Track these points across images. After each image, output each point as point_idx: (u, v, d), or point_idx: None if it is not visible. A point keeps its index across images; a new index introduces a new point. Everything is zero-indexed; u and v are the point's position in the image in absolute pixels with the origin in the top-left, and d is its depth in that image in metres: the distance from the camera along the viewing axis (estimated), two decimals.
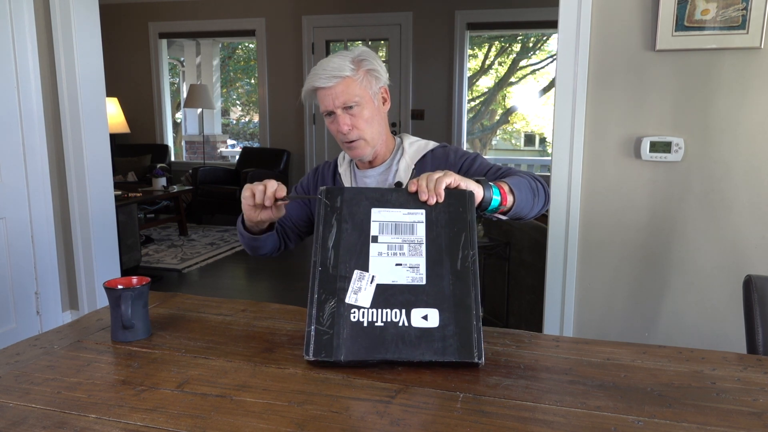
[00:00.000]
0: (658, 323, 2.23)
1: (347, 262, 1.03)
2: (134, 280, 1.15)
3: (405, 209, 1.08)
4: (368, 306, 0.99)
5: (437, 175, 1.08)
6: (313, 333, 0.97)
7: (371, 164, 1.48)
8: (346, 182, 1.50)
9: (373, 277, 1.02)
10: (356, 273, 1.02)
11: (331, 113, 1.38)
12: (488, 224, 2.99)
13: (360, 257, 1.03)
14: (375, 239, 1.05)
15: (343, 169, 1.52)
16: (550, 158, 2.33)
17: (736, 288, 2.02)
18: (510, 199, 1.18)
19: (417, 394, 0.90)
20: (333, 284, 1.01)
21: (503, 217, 1.23)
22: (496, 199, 1.15)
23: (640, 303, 2.24)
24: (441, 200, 1.07)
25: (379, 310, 0.99)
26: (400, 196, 1.09)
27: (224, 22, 6.68)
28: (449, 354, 0.96)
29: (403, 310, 0.99)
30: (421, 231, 1.06)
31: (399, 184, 1.43)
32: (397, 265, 1.03)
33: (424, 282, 1.01)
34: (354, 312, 0.99)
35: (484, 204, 1.13)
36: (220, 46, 9.13)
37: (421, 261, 1.03)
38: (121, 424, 0.82)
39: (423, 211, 1.07)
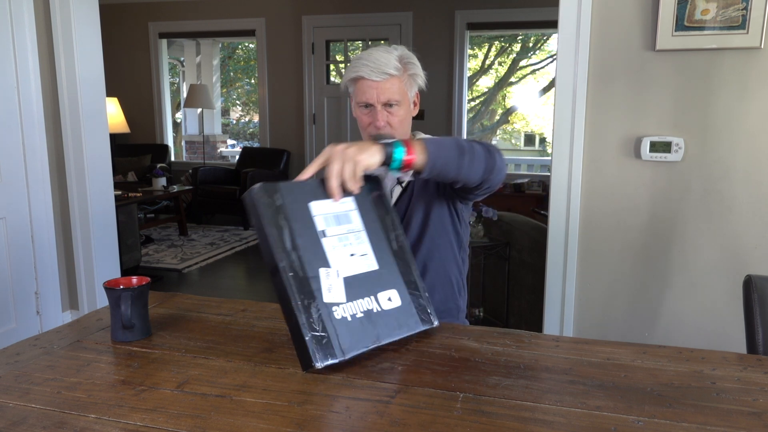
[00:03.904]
0: (658, 323, 2.23)
1: (311, 262, 1.03)
2: (134, 280, 1.15)
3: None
4: (345, 300, 1.02)
5: (334, 170, 1.04)
6: (312, 340, 0.96)
7: None
8: None
9: (337, 271, 1.04)
10: (322, 271, 1.02)
11: (368, 105, 1.40)
12: (488, 224, 2.99)
13: (318, 255, 1.04)
14: (324, 233, 1.06)
15: None
16: (550, 158, 2.33)
17: (736, 288, 2.02)
18: (421, 157, 1.10)
19: (417, 394, 0.90)
20: (308, 287, 1.00)
21: (424, 175, 1.14)
22: (398, 154, 1.08)
23: (640, 303, 2.24)
24: (338, 199, 1.05)
25: (354, 302, 1.03)
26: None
27: (224, 22, 6.68)
28: (417, 327, 1.08)
29: (372, 297, 1.05)
30: (356, 219, 1.10)
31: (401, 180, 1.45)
32: (351, 255, 1.06)
33: (377, 267, 1.08)
34: (335, 309, 1.00)
35: (387, 161, 1.08)
36: (220, 46, 9.13)
37: (368, 248, 1.09)
38: (121, 424, 0.82)
39: (350, 198, 1.10)
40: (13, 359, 1.04)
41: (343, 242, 1.07)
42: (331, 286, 1.02)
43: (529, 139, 13.49)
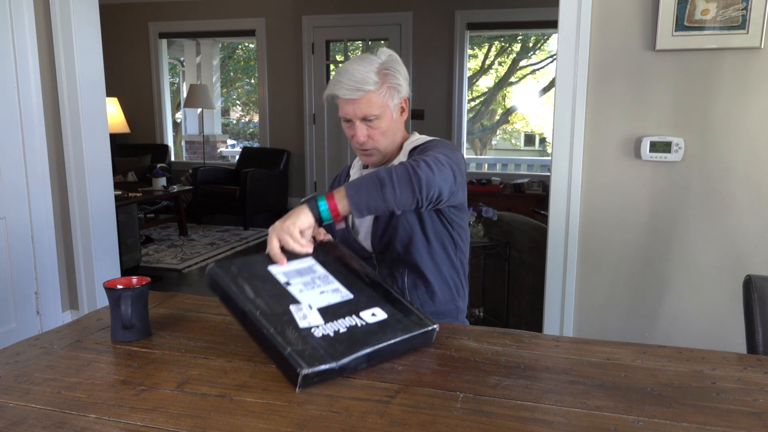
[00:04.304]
0: (658, 323, 2.24)
1: (279, 302, 1.02)
2: (134, 280, 1.15)
3: (293, 260, 1.14)
4: (323, 323, 0.99)
5: (272, 243, 1.13)
6: (293, 353, 0.91)
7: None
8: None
9: (309, 305, 1.03)
10: (292, 307, 1.01)
11: (349, 120, 1.42)
12: (488, 224, 2.99)
13: (285, 297, 1.04)
14: (288, 284, 1.07)
15: (354, 171, 1.57)
16: (550, 158, 2.33)
17: (736, 288, 2.01)
18: (343, 203, 1.16)
19: (417, 394, 0.90)
20: (279, 319, 0.98)
21: (359, 217, 1.20)
22: (323, 208, 1.16)
23: (640, 303, 2.24)
24: (284, 263, 1.12)
25: (335, 322, 1.00)
26: (285, 254, 1.15)
27: (224, 22, 6.68)
28: (413, 330, 1.02)
29: (353, 315, 1.02)
30: (320, 269, 1.13)
31: None
32: (321, 293, 1.06)
33: (352, 296, 1.07)
34: (315, 330, 0.97)
35: (318, 216, 1.16)
36: (220, 46, 9.13)
37: (338, 285, 1.10)
38: (121, 424, 0.82)
39: (308, 257, 1.15)
40: (13, 359, 1.04)
41: (309, 286, 1.07)
42: (305, 315, 0.99)
43: (529, 139, 13.49)
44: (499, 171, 7.05)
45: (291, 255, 1.14)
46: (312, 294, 1.06)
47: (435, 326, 1.05)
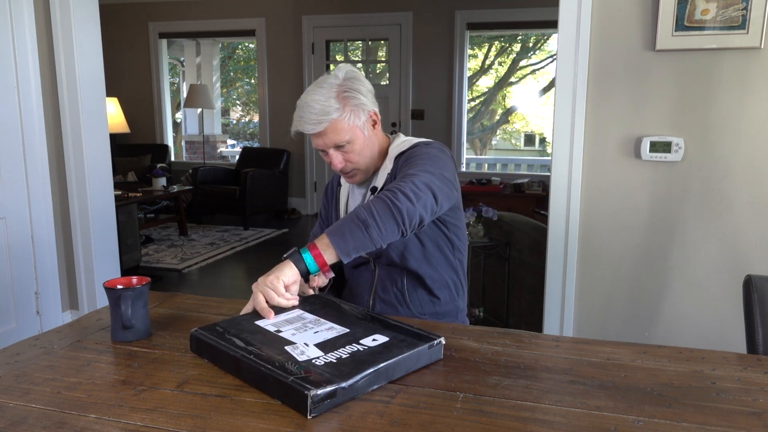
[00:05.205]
0: (658, 323, 2.24)
1: (273, 346, 0.99)
2: (134, 280, 1.15)
3: (281, 314, 1.13)
4: (323, 354, 0.95)
5: (258, 300, 1.13)
6: (296, 380, 0.86)
7: None
8: (344, 190, 1.55)
9: (305, 343, 1.00)
10: (288, 347, 0.98)
11: (323, 150, 1.40)
12: (488, 224, 2.99)
13: (278, 341, 1.01)
14: (279, 331, 1.06)
15: (344, 180, 1.56)
16: (550, 158, 2.33)
17: (736, 288, 2.02)
18: (329, 252, 1.15)
19: (417, 394, 0.90)
20: (274, 359, 0.93)
21: (347, 262, 1.17)
22: (309, 261, 1.15)
23: (640, 303, 2.24)
24: (271, 317, 1.11)
25: (335, 351, 0.96)
26: (272, 308, 1.14)
27: (224, 22, 6.68)
28: (418, 345, 0.99)
29: (354, 344, 1.00)
30: (310, 315, 1.12)
31: (374, 189, 1.44)
32: (315, 332, 1.05)
33: (348, 330, 1.06)
34: (316, 360, 0.93)
35: (304, 269, 1.15)
36: (220, 46, 9.13)
37: (332, 324, 1.08)
38: (121, 424, 0.82)
39: (295, 309, 1.15)
40: (13, 359, 1.04)
41: (302, 330, 1.06)
42: (302, 351, 0.96)
43: (529, 139, 13.49)
44: (499, 171, 7.06)
45: (277, 310, 1.13)
46: (306, 335, 1.03)
47: (440, 339, 1.02)
